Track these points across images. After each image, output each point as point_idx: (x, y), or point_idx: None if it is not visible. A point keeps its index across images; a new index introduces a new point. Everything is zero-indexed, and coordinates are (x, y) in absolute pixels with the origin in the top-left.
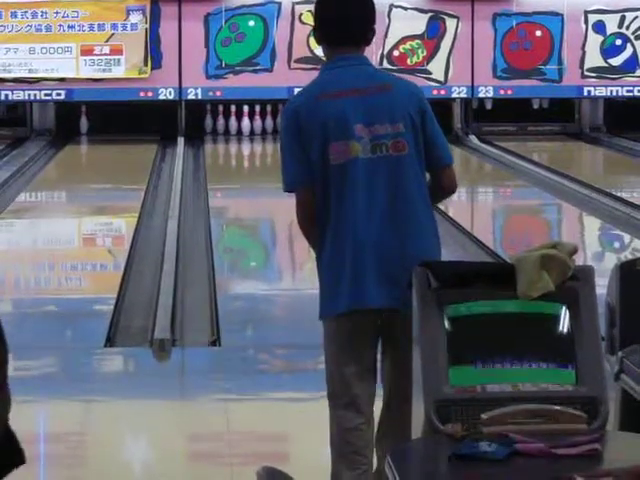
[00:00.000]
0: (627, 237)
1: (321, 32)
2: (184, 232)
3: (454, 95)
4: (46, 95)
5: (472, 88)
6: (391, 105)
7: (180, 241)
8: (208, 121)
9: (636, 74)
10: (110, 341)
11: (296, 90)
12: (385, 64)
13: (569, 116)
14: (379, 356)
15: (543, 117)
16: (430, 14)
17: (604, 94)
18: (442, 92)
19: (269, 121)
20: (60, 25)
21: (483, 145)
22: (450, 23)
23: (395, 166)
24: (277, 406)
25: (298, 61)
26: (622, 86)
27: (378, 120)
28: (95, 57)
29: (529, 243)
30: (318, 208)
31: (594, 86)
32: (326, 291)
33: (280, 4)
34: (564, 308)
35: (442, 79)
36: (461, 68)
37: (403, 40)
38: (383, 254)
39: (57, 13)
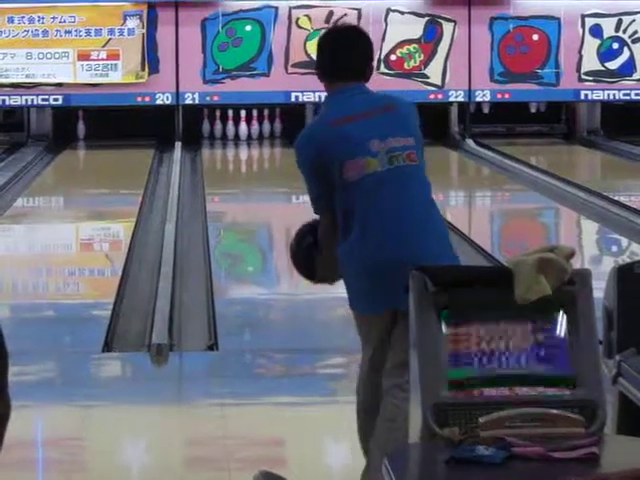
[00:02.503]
0: (624, 240)
1: (323, 68)
2: (181, 237)
3: (451, 99)
4: (43, 100)
5: (469, 92)
6: (399, 121)
7: (177, 246)
8: (205, 126)
9: (633, 78)
10: (108, 346)
11: (293, 95)
12: (382, 68)
13: (557, 117)
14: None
15: (531, 118)
16: (427, 18)
17: (601, 98)
18: (439, 96)
19: (266, 126)
20: (57, 30)
21: (480, 149)
22: (447, 27)
23: (411, 175)
24: (275, 410)
25: (295, 65)
26: (619, 90)
27: (391, 134)
28: (92, 62)
29: (526, 246)
30: (343, 222)
31: (591, 90)
32: (355, 290)
33: (277, 9)
34: (561, 312)
35: (439, 83)
36: (458, 72)
37: (400, 44)
38: (413, 255)
39: (54, 18)
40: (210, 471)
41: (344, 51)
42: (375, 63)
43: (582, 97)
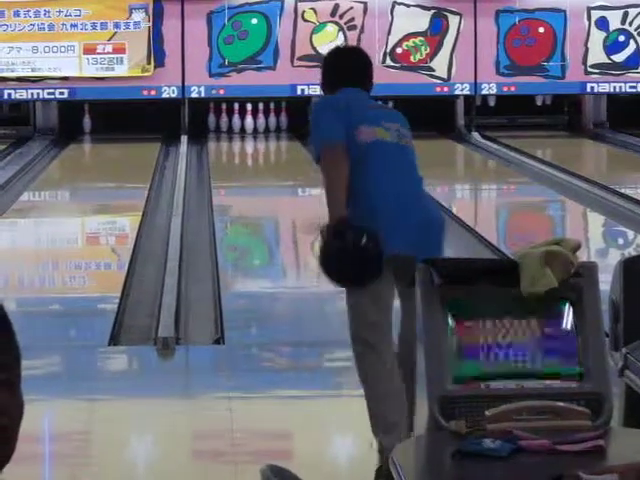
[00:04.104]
0: (631, 233)
1: (327, 78)
2: (188, 230)
3: (457, 92)
4: (49, 94)
5: (475, 85)
6: (398, 116)
7: (184, 239)
8: (211, 119)
9: (639, 70)
10: (114, 340)
11: (299, 87)
12: (388, 61)
13: (559, 109)
14: None
15: (537, 111)
16: (433, 11)
17: (607, 90)
18: (445, 89)
19: (272, 119)
20: (63, 24)
21: (486, 142)
22: (453, 20)
23: (412, 155)
24: (281, 404)
25: (301, 59)
26: (625, 82)
27: (397, 122)
28: (98, 56)
29: (532, 239)
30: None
31: (597, 82)
32: None
33: (283, 1)
34: (568, 305)
35: (445, 76)
36: (464, 65)
37: (406, 37)
38: (409, 207)
39: (60, 12)
40: (217, 464)
41: (345, 64)
42: (380, 58)
43: (588, 90)
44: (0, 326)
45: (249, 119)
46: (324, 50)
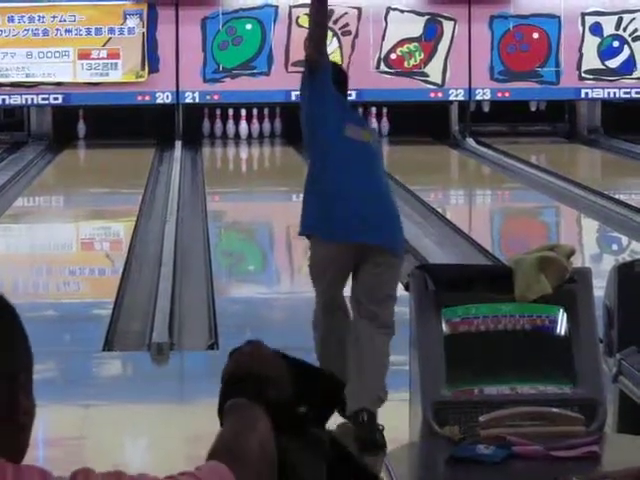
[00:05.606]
0: (625, 239)
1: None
2: (182, 236)
3: (451, 98)
4: (43, 99)
5: (469, 91)
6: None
7: (178, 245)
8: (206, 125)
9: (633, 76)
10: (108, 345)
11: (293, 93)
12: (382, 67)
13: (558, 116)
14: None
15: (531, 117)
16: (427, 17)
17: (601, 96)
18: (439, 95)
19: (266, 124)
20: (57, 29)
21: (480, 148)
22: (447, 25)
23: (381, 157)
24: None
25: (295, 64)
26: (619, 88)
27: (373, 130)
28: (92, 61)
29: (527, 245)
30: (320, 163)
31: (591, 88)
32: (313, 216)
33: (277, 7)
34: (562, 310)
35: (439, 82)
36: (458, 71)
37: (400, 43)
38: (368, 202)
39: (54, 17)
40: None
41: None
42: (375, 63)
43: (582, 95)
44: (14, 331)
45: (243, 125)
46: None
